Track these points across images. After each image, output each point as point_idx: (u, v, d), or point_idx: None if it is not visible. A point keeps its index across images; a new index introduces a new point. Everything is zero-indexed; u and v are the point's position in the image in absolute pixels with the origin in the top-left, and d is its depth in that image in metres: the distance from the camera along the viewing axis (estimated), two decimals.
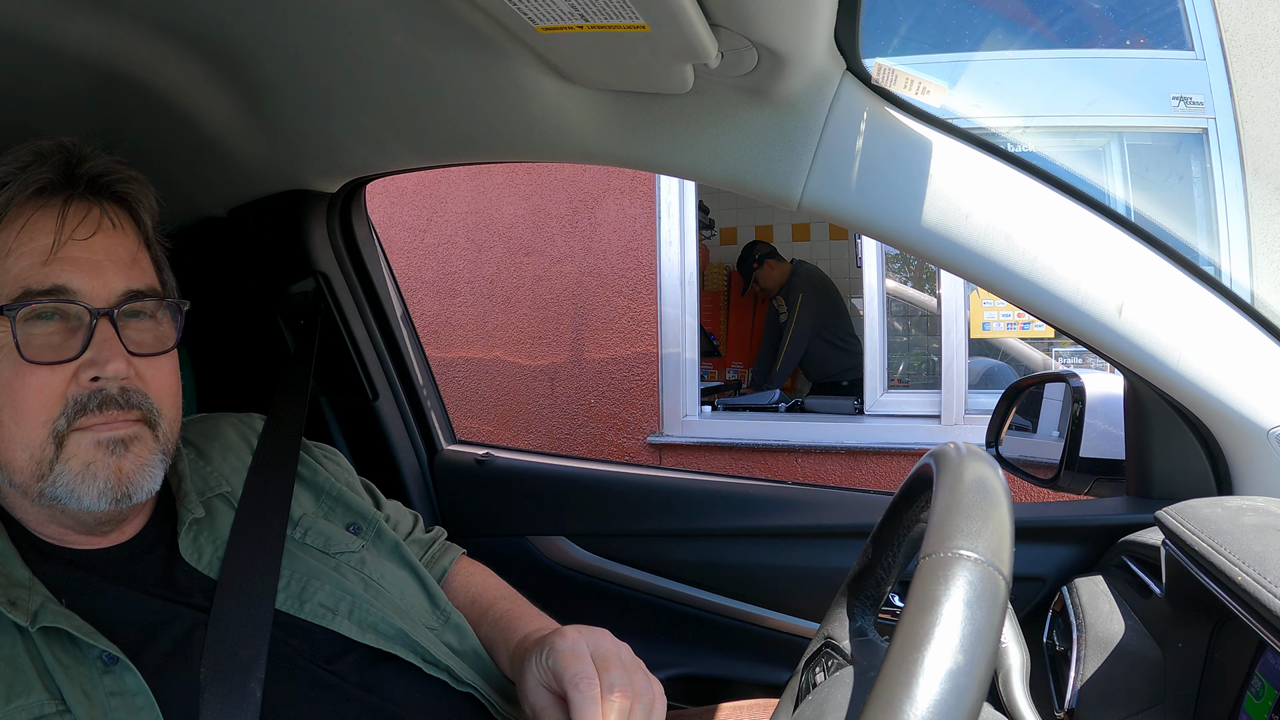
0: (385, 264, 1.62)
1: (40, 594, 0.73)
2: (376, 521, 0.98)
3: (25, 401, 0.73)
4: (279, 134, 1.25)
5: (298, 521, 0.92)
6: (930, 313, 4.22)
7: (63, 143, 0.80)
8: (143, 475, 0.78)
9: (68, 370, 0.75)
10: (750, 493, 1.42)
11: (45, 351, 0.74)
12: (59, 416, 0.74)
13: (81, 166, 0.80)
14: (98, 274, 0.77)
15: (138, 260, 0.82)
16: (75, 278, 0.76)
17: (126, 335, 0.78)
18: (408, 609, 0.90)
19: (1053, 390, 1.34)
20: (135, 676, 0.70)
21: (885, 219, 1.00)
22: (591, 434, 3.82)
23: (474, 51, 0.97)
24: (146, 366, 0.80)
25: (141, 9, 0.96)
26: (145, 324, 0.81)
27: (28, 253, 0.75)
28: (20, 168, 0.78)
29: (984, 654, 0.42)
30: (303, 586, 0.85)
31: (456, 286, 4.01)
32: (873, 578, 0.71)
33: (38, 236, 0.76)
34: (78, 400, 0.74)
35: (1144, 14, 3.28)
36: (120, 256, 0.79)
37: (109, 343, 0.76)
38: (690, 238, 3.70)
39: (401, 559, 0.96)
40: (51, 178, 0.78)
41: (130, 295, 0.79)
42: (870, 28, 0.94)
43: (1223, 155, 3.03)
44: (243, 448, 0.98)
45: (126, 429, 0.77)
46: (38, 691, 0.67)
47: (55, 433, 0.74)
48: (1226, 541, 0.70)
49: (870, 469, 3.43)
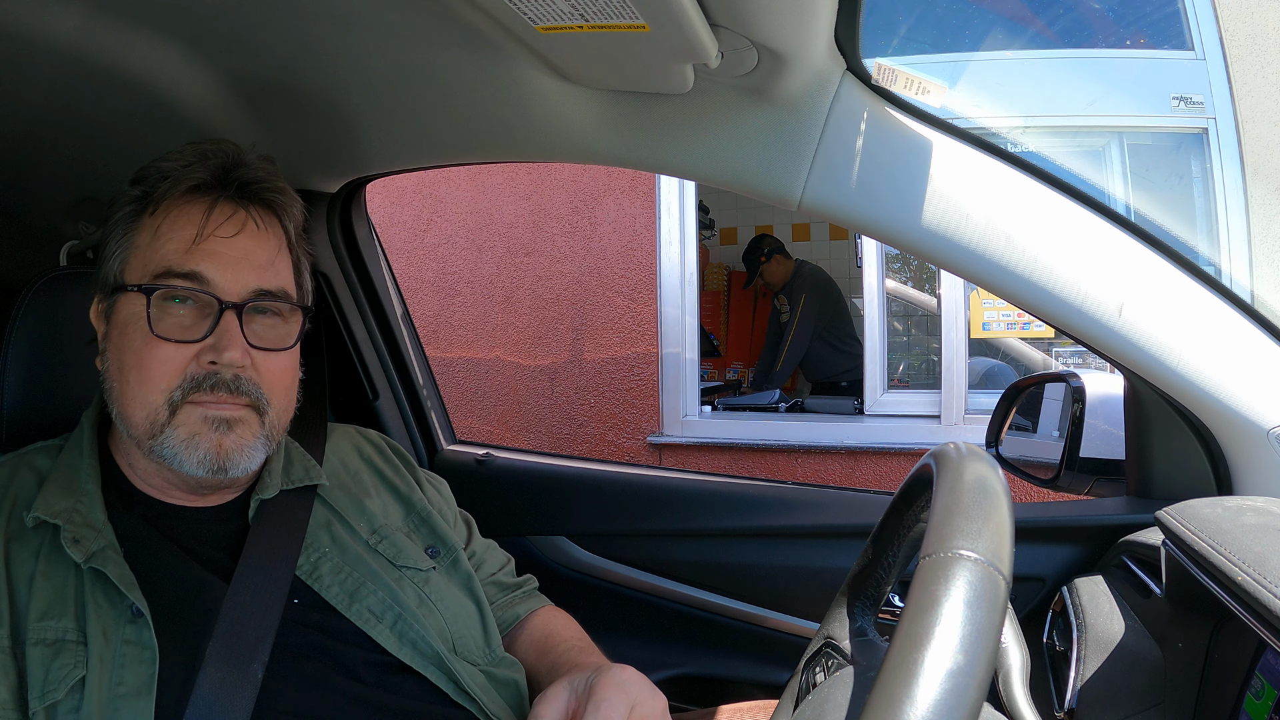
0: (385, 264, 1.62)
1: (105, 539, 0.81)
2: (455, 551, 1.01)
3: (149, 369, 0.82)
4: (279, 134, 1.25)
5: (376, 529, 0.96)
6: (930, 313, 4.22)
7: (224, 147, 0.89)
8: (241, 454, 0.85)
9: (191, 350, 0.83)
10: (750, 493, 1.42)
11: (174, 329, 0.83)
12: (176, 388, 0.82)
13: (235, 171, 0.88)
14: (234, 269, 0.85)
15: (275, 263, 0.89)
16: (212, 269, 0.84)
17: (250, 329, 0.85)
18: (458, 637, 0.92)
19: (1053, 390, 1.34)
20: (150, 634, 0.76)
21: (885, 219, 1.00)
22: (591, 434, 3.82)
23: (474, 51, 0.97)
24: (264, 359, 0.86)
25: (141, 8, 0.97)
26: (271, 320, 0.88)
27: (175, 239, 0.84)
28: (184, 165, 0.86)
29: (984, 654, 0.42)
30: (357, 586, 0.89)
31: (456, 286, 4.01)
32: (873, 578, 0.71)
33: (185, 227, 0.85)
34: (195, 378, 0.82)
35: (1144, 14, 3.28)
36: (258, 257, 0.87)
37: (230, 333, 0.83)
38: (690, 238, 3.70)
39: (470, 592, 0.99)
40: (205, 178, 0.87)
41: (260, 294, 0.86)
42: (870, 28, 0.94)
43: (1223, 155, 3.03)
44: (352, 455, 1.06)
45: (233, 411, 0.84)
46: (69, 619, 0.76)
47: (170, 401, 0.82)
48: (1226, 541, 0.70)
49: (870, 469, 3.43)
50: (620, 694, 0.71)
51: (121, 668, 0.75)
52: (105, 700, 0.72)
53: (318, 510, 0.94)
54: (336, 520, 0.95)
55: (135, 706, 0.73)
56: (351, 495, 0.98)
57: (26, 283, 1.05)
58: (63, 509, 0.82)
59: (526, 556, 1.46)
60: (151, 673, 0.75)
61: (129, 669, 0.75)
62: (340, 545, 0.92)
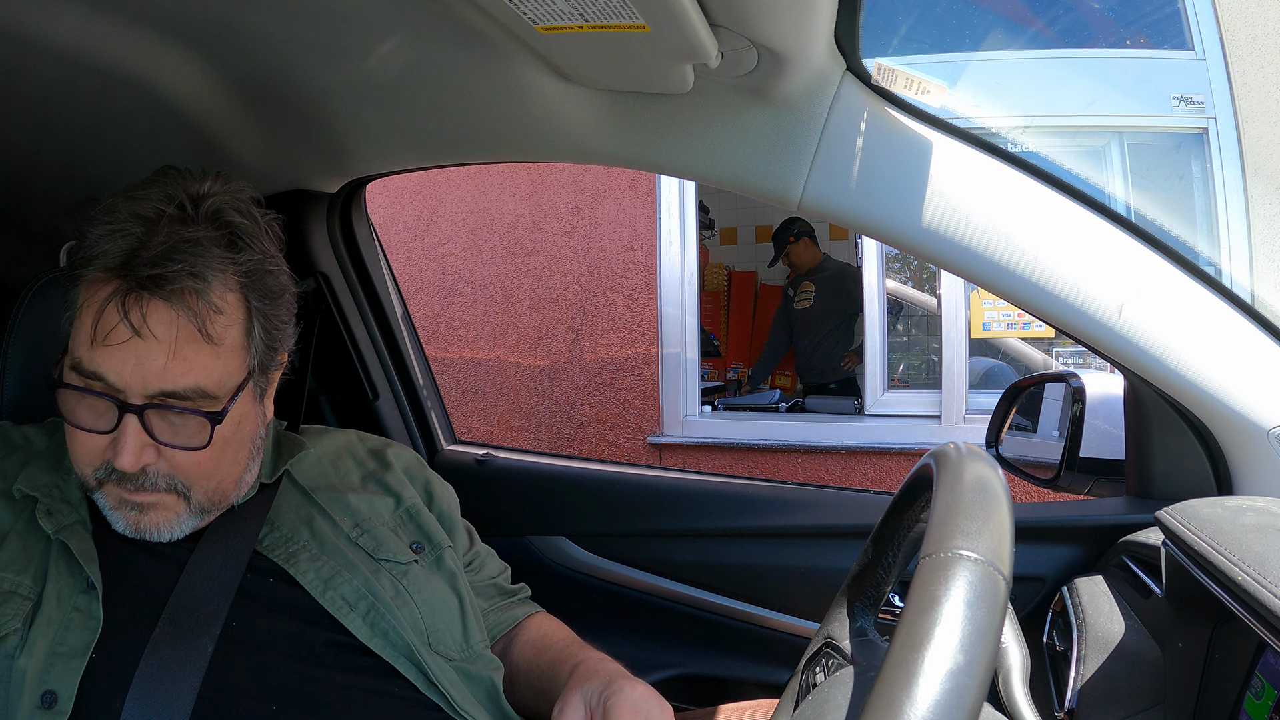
0: (385, 264, 1.62)
1: (78, 515, 0.86)
2: (440, 548, 1.01)
3: (74, 447, 0.84)
4: (279, 134, 1.25)
5: (359, 522, 0.96)
6: (930, 313, 4.22)
7: (155, 205, 0.82)
8: (161, 529, 0.86)
9: (105, 439, 0.82)
10: (750, 493, 1.42)
11: (88, 418, 0.82)
12: (99, 468, 0.83)
13: (141, 255, 0.79)
14: (131, 371, 0.79)
15: (180, 361, 0.80)
16: (111, 370, 0.79)
17: (158, 425, 0.81)
18: (434, 631, 0.92)
19: (1053, 390, 1.34)
20: (98, 606, 0.80)
21: (885, 219, 1.00)
22: (592, 434, 3.82)
23: (474, 51, 0.97)
24: (174, 454, 0.83)
25: (141, 8, 0.97)
26: (180, 418, 0.82)
27: (83, 329, 0.81)
28: (107, 231, 0.80)
29: (984, 654, 0.42)
30: (333, 574, 0.90)
31: (456, 286, 4.01)
32: (873, 578, 0.71)
33: (89, 321, 0.80)
34: (109, 463, 0.82)
35: (1144, 14, 3.28)
36: (154, 362, 0.79)
37: (124, 437, 0.80)
38: (690, 238, 3.70)
39: (454, 588, 0.99)
40: (112, 263, 0.80)
41: (164, 394, 0.80)
42: (870, 28, 0.94)
43: (1223, 155, 3.03)
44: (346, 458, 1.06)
45: (144, 498, 0.84)
46: (27, 576, 0.82)
47: (95, 475, 0.84)
48: (1226, 541, 0.70)
49: (870, 469, 3.43)
50: (635, 714, 0.77)
51: (66, 630, 0.79)
52: (45, 655, 0.77)
53: (300, 506, 0.96)
54: (319, 515, 0.95)
55: (69, 665, 0.77)
56: (337, 492, 0.99)
57: (26, 283, 1.05)
58: (44, 484, 0.88)
59: (526, 556, 1.46)
60: (90, 640, 0.79)
61: (72, 632, 0.79)
62: (320, 539, 0.93)
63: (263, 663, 0.83)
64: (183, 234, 0.81)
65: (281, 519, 0.94)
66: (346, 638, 0.87)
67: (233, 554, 0.87)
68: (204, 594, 0.84)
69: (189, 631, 0.81)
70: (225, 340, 0.83)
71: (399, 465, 1.08)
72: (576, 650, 0.96)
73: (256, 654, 0.83)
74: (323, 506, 0.96)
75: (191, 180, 0.85)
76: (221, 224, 0.84)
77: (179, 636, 0.80)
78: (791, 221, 4.72)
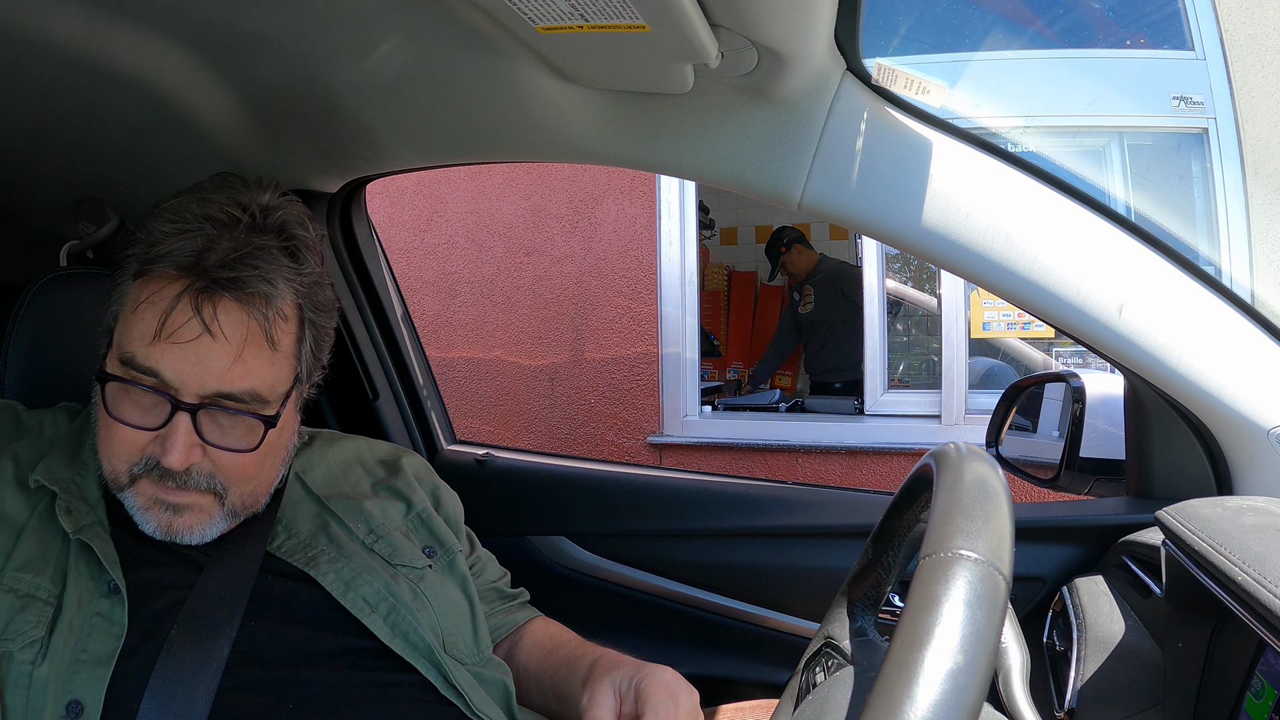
0: (385, 264, 1.62)
1: (97, 515, 0.84)
2: (453, 553, 1.02)
3: (110, 441, 0.83)
4: (279, 134, 1.25)
5: (374, 529, 0.97)
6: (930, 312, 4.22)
7: (225, 209, 0.83)
8: (192, 532, 0.85)
9: (147, 435, 0.82)
10: (750, 493, 1.42)
11: (132, 413, 0.82)
12: (136, 464, 0.82)
13: (210, 256, 0.80)
14: (191, 370, 0.80)
15: (242, 364, 0.82)
16: (169, 369, 0.80)
17: (208, 426, 0.82)
18: (449, 634, 0.94)
19: (1053, 390, 1.34)
20: (123, 611, 0.79)
21: (885, 219, 1.00)
22: (592, 434, 3.82)
23: (474, 51, 0.97)
24: (220, 455, 0.84)
25: (141, 9, 0.97)
26: (232, 419, 0.84)
27: (143, 322, 0.81)
28: (178, 230, 0.81)
29: (984, 654, 0.42)
30: (354, 576, 0.90)
31: (456, 286, 4.01)
32: (873, 578, 0.71)
33: (151, 316, 0.80)
34: (149, 460, 0.82)
35: (1144, 14, 3.28)
36: (217, 363, 0.80)
37: (175, 436, 0.80)
38: (690, 238, 3.70)
39: (464, 593, 1.00)
40: (184, 261, 0.81)
41: (221, 395, 0.81)
42: (870, 28, 0.94)
43: (1223, 155, 3.03)
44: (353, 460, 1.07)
45: (182, 498, 0.83)
46: (45, 578, 0.79)
47: (129, 473, 0.83)
48: (1226, 541, 0.70)
49: (870, 469, 3.43)
50: (669, 695, 0.78)
51: (88, 636, 0.77)
52: (67, 662, 0.76)
53: (315, 515, 0.96)
54: (335, 522, 0.96)
55: (93, 673, 0.76)
56: (350, 499, 1.00)
57: (26, 283, 1.05)
58: (63, 478, 0.86)
59: (527, 557, 1.46)
60: (115, 647, 0.77)
61: (95, 638, 0.77)
62: (337, 544, 0.94)
63: (279, 663, 0.83)
64: (254, 241, 0.83)
65: (299, 526, 0.94)
66: (365, 640, 0.87)
67: (247, 556, 0.87)
68: (221, 596, 0.83)
69: (206, 634, 0.80)
70: (282, 347, 0.85)
71: (409, 470, 1.08)
72: (590, 649, 0.97)
73: (274, 655, 0.83)
74: (337, 514, 0.97)
75: (257, 189, 0.87)
76: (286, 236, 0.86)
77: (196, 639, 0.79)
78: (780, 232, 4.76)
